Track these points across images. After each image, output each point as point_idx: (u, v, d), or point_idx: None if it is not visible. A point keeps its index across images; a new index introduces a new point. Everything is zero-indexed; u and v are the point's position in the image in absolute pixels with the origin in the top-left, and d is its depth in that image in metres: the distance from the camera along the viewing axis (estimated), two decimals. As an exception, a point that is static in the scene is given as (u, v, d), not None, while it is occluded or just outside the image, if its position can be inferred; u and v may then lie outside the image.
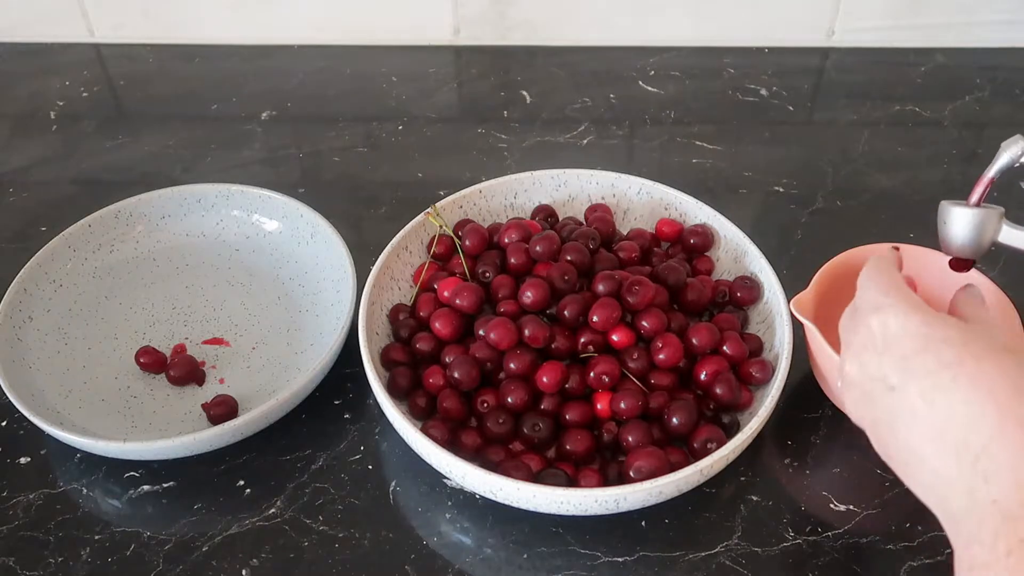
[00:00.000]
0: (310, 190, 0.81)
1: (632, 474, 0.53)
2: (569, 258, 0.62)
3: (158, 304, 0.70)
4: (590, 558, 0.55)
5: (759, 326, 0.63)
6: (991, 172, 0.50)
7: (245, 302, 0.70)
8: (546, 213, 0.69)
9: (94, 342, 0.67)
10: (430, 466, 0.55)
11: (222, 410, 0.60)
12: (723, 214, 0.67)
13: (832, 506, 0.57)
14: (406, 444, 0.57)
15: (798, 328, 0.59)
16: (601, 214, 0.68)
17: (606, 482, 0.55)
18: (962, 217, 0.51)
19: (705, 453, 0.53)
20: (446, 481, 0.58)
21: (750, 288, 0.64)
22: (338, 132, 0.88)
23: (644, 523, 0.56)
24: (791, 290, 0.59)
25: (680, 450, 0.56)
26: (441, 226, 0.67)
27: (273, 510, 0.57)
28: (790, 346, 0.58)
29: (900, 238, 0.62)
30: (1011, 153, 0.49)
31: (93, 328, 0.67)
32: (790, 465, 0.59)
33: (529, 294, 0.60)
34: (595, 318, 0.58)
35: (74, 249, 0.70)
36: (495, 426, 0.57)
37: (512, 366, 0.57)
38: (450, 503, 0.58)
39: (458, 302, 0.61)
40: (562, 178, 0.71)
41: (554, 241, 0.63)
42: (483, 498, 0.57)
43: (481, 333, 0.59)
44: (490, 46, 1.00)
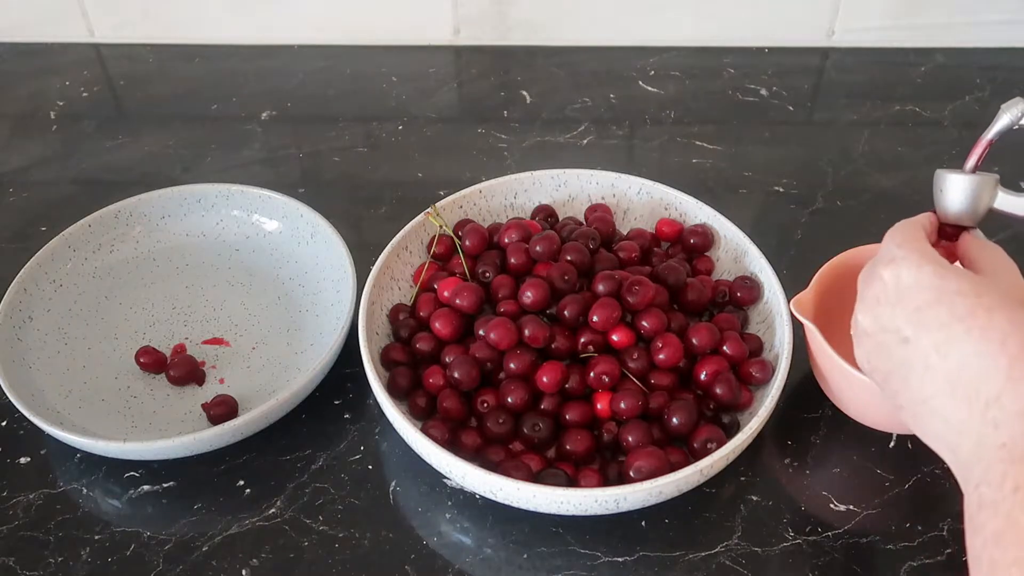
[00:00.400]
0: (310, 190, 0.81)
1: (632, 474, 0.53)
2: (569, 258, 0.62)
3: (158, 304, 0.70)
4: (590, 558, 0.55)
5: (759, 326, 0.63)
6: (989, 135, 0.49)
7: (245, 302, 0.70)
8: (546, 213, 0.69)
9: (94, 342, 0.67)
10: (430, 466, 0.55)
11: (222, 410, 0.60)
12: (723, 214, 0.67)
13: (832, 506, 0.57)
14: (406, 444, 0.57)
15: (798, 328, 0.59)
16: (601, 214, 0.68)
17: (606, 482, 0.55)
18: (958, 183, 0.50)
19: (705, 453, 0.53)
20: (446, 481, 0.58)
21: (750, 288, 0.64)
22: (338, 132, 0.88)
23: (644, 523, 0.56)
24: (791, 290, 0.60)
25: (680, 450, 0.56)
26: (441, 226, 0.67)
27: (273, 510, 0.57)
28: (790, 346, 0.58)
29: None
30: (1011, 115, 0.48)
31: (93, 328, 0.68)
32: (790, 465, 0.59)
33: (529, 294, 0.60)
34: (595, 318, 0.58)
35: (74, 249, 0.70)
36: (495, 426, 0.57)
37: (512, 366, 0.57)
38: (450, 503, 0.58)
39: (458, 302, 0.61)
40: (562, 178, 0.71)
41: (554, 241, 0.63)
42: (483, 498, 0.57)
43: (481, 333, 0.59)
44: (490, 46, 1.00)
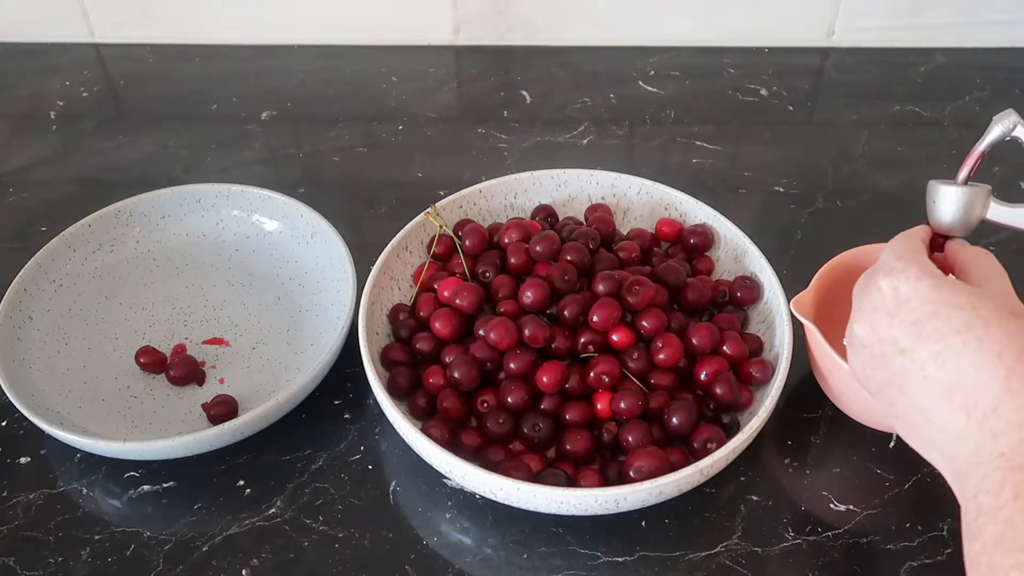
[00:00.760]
0: (310, 190, 0.81)
1: (632, 474, 0.53)
2: (569, 258, 0.62)
3: (158, 304, 0.70)
4: (590, 558, 0.55)
5: (759, 326, 0.63)
6: (981, 146, 0.49)
7: (245, 302, 0.70)
8: (546, 213, 0.69)
9: (94, 342, 0.67)
10: (430, 466, 0.55)
11: (222, 410, 0.60)
12: (723, 214, 0.67)
13: (832, 506, 0.57)
14: (406, 444, 0.57)
15: (798, 328, 0.59)
16: (601, 214, 0.68)
17: (606, 482, 0.55)
18: (951, 195, 0.50)
19: (705, 453, 0.53)
20: (446, 481, 0.58)
21: (750, 288, 0.64)
22: (338, 132, 0.88)
23: (644, 523, 0.56)
24: (791, 290, 0.59)
25: (680, 450, 0.56)
26: (441, 226, 0.67)
27: (273, 510, 0.57)
28: (790, 346, 0.58)
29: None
30: (1003, 126, 0.48)
31: (93, 328, 0.67)
32: (790, 465, 0.59)
33: (529, 294, 0.60)
34: (595, 318, 0.58)
35: (74, 249, 0.70)
36: (495, 426, 0.57)
37: (512, 366, 0.57)
38: (450, 503, 0.58)
39: (458, 302, 0.61)
40: (562, 178, 0.71)
41: (554, 241, 0.63)
42: (483, 498, 0.57)
43: (481, 333, 0.59)
44: (490, 46, 1.00)
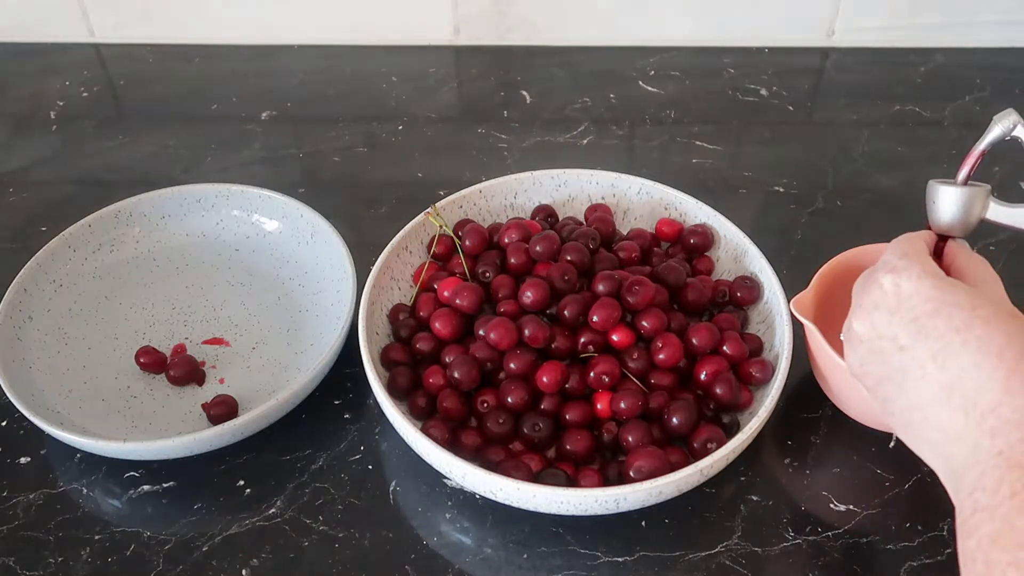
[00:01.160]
0: (310, 190, 0.81)
1: (632, 474, 0.53)
2: (569, 258, 0.62)
3: (158, 304, 0.70)
4: (590, 558, 0.55)
5: (759, 326, 0.63)
6: (981, 146, 0.49)
7: (245, 302, 0.70)
8: (546, 213, 0.69)
9: (94, 342, 0.67)
10: (430, 466, 0.55)
11: (222, 410, 0.60)
12: (723, 214, 0.67)
13: (832, 506, 0.57)
14: (406, 444, 0.57)
15: (798, 328, 0.59)
16: (601, 214, 0.68)
17: (606, 482, 0.55)
18: (950, 195, 0.50)
19: (705, 453, 0.53)
20: (446, 481, 0.58)
21: (750, 288, 0.64)
22: (338, 132, 0.88)
23: (644, 523, 0.56)
24: (791, 290, 0.59)
25: (680, 450, 0.56)
26: (441, 226, 0.67)
27: (273, 510, 0.57)
28: (790, 346, 0.58)
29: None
30: (1003, 126, 0.48)
31: (93, 328, 0.67)
32: (790, 465, 0.59)
33: (529, 294, 0.60)
34: (595, 318, 0.58)
35: (74, 249, 0.70)
36: (495, 426, 0.57)
37: (512, 366, 0.57)
38: (450, 503, 0.58)
39: (458, 302, 0.61)
40: (562, 178, 0.71)
41: (554, 241, 0.63)
42: (483, 498, 0.57)
43: (481, 333, 0.59)
44: (490, 46, 1.00)
